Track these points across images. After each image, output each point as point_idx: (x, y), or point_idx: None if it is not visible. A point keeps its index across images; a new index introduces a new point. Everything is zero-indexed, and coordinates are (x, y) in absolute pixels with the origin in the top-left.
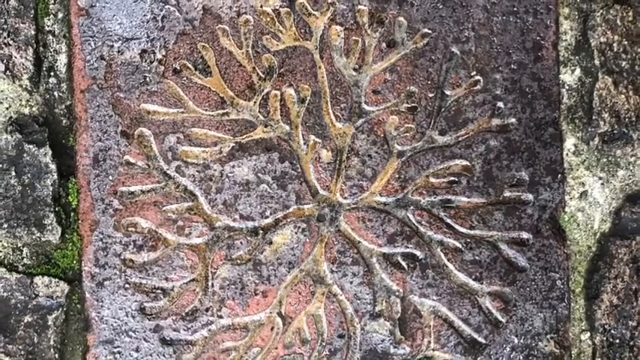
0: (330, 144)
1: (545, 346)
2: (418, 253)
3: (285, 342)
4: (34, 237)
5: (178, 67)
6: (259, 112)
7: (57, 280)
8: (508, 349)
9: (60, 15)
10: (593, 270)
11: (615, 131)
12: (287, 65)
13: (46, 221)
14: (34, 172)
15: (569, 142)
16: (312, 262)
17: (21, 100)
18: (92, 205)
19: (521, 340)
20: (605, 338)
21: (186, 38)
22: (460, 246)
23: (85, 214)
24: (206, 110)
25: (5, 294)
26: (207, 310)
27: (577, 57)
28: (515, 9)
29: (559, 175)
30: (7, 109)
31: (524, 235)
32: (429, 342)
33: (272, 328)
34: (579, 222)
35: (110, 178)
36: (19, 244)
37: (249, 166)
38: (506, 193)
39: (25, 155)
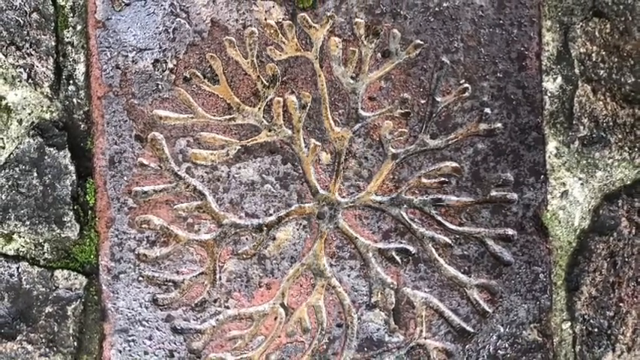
0: (329, 147)
1: (529, 334)
2: (411, 248)
3: (287, 331)
4: (54, 233)
5: (188, 76)
6: (263, 117)
7: (76, 273)
8: (494, 337)
9: (78, 27)
10: (574, 264)
11: (594, 135)
12: (289, 74)
13: (66, 219)
14: (54, 173)
15: (551, 145)
16: (312, 257)
17: (42, 107)
18: (108, 203)
19: (507, 329)
20: (584, 327)
21: (195, 49)
22: (450, 242)
23: (101, 212)
24: (214, 115)
25: (28, 286)
26: (215, 301)
27: (558, 66)
28: (501, 22)
29: (542, 176)
30: (29, 114)
31: (510, 231)
32: (421, 331)
33: (275, 318)
34: (560, 219)
35: (125, 178)
36: (41, 240)
37: (254, 167)
38: (493, 193)
39: (46, 157)
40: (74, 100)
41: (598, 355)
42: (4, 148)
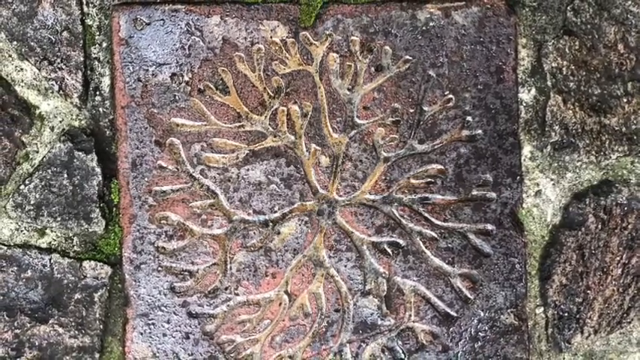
0: (328, 151)
1: (507, 318)
2: (401, 241)
3: (290, 315)
4: (82, 228)
5: (202, 88)
6: (269, 124)
7: (102, 264)
8: (475, 321)
9: (104, 44)
10: (546, 255)
11: (564, 141)
12: (292, 86)
13: (93, 215)
14: (82, 174)
15: (526, 150)
16: (313, 249)
17: (72, 115)
18: (131, 201)
19: (487, 314)
20: (556, 312)
21: (208, 63)
22: (436, 236)
23: (124, 209)
24: (225, 123)
25: (59, 275)
26: (226, 289)
27: (533, 79)
28: (481, 39)
29: (517, 177)
30: (60, 122)
31: (489, 226)
32: (410, 315)
33: (280, 304)
34: (534, 216)
35: (146, 179)
36: (71, 234)
37: (261, 169)
38: (474, 192)
39: (75, 160)
40: (100, 109)
41: (568, 337)
42: (37, 152)
